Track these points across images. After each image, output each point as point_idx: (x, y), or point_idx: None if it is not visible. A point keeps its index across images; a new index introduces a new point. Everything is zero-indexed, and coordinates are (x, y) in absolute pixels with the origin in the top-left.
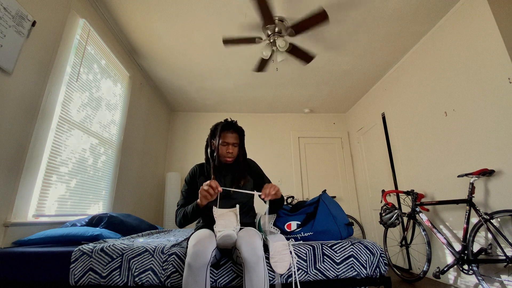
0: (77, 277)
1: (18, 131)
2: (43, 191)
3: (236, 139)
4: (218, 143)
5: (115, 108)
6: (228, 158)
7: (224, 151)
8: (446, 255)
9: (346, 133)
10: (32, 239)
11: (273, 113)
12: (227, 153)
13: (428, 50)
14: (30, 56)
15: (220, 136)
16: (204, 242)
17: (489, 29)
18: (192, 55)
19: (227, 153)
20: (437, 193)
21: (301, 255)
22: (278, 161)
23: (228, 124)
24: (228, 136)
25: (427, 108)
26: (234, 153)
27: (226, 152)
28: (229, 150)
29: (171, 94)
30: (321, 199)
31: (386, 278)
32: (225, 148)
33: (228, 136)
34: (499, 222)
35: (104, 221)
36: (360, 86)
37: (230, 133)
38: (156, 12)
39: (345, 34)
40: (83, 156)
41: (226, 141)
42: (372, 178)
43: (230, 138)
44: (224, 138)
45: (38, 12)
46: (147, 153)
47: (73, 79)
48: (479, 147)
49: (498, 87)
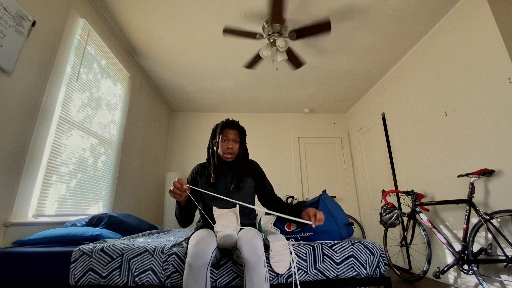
0: (77, 277)
1: (18, 131)
2: (43, 191)
3: (236, 135)
4: (219, 139)
5: (115, 108)
6: (228, 154)
7: (224, 146)
8: (446, 255)
9: (346, 133)
10: (32, 239)
11: (273, 113)
12: (227, 148)
13: (428, 50)
14: (30, 56)
15: (221, 133)
16: (205, 242)
17: (489, 29)
18: (192, 55)
19: (227, 148)
20: (437, 193)
21: (301, 255)
22: (278, 161)
23: (229, 121)
24: (228, 132)
25: (427, 108)
26: (234, 149)
27: (226, 147)
28: (229, 145)
29: (171, 94)
30: (321, 199)
31: (386, 278)
32: (225, 144)
33: (228, 132)
34: (499, 222)
35: (104, 221)
36: (360, 86)
37: (231, 129)
38: (156, 12)
39: (345, 34)
40: (83, 156)
41: (226, 136)
42: (372, 178)
43: (231, 134)
44: (225, 134)
45: (38, 12)
46: (147, 153)
47: (73, 79)
48: (479, 147)
49: (498, 87)
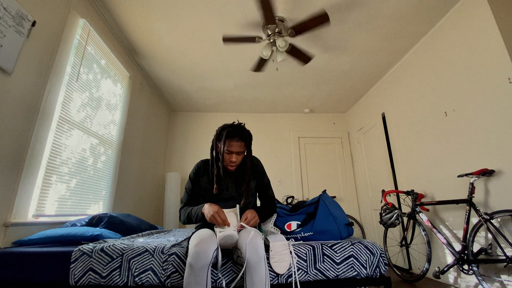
0: (77, 277)
1: (18, 131)
2: (43, 191)
3: (241, 147)
4: (223, 150)
5: (115, 108)
6: (231, 167)
7: (228, 159)
8: (446, 255)
9: (346, 133)
10: (32, 239)
11: (273, 113)
12: (230, 161)
13: (428, 50)
14: (30, 56)
15: (225, 144)
16: (206, 242)
17: (489, 29)
18: (192, 55)
19: (230, 161)
20: (437, 193)
21: (301, 255)
22: (278, 161)
23: (234, 130)
24: (232, 145)
25: (427, 108)
26: (237, 162)
27: (229, 160)
28: (232, 159)
29: (171, 94)
30: (321, 199)
31: (386, 278)
32: (229, 156)
33: (233, 144)
34: (499, 222)
35: (104, 221)
36: (360, 86)
37: (235, 141)
38: (156, 12)
39: (345, 34)
40: (83, 156)
41: (230, 150)
42: (372, 178)
43: (235, 147)
44: (229, 147)
45: (38, 12)
46: (147, 153)
47: (73, 79)
48: (479, 147)
49: (498, 87)
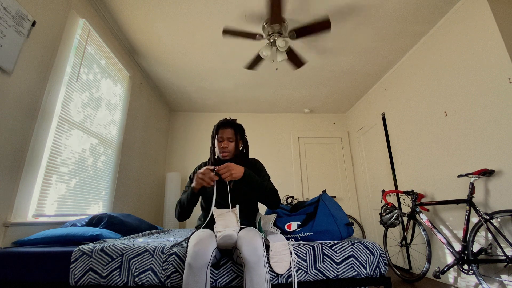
0: (77, 277)
1: (18, 131)
2: (43, 191)
3: (231, 134)
4: (215, 139)
5: (115, 108)
6: (223, 153)
7: (220, 146)
8: (446, 255)
9: (346, 133)
10: (32, 239)
11: (273, 113)
12: (222, 147)
13: (428, 50)
14: (30, 56)
15: (217, 133)
16: (205, 242)
17: (489, 29)
18: (192, 55)
19: (222, 147)
20: (437, 193)
21: (301, 255)
22: (278, 161)
23: (224, 121)
24: (223, 132)
25: (427, 108)
26: (229, 148)
27: (221, 147)
28: (224, 145)
29: (171, 94)
30: (321, 199)
31: (386, 278)
32: (220, 143)
33: (223, 131)
34: (499, 222)
35: (104, 221)
36: (360, 86)
37: (225, 129)
38: (156, 12)
39: (345, 34)
40: (83, 156)
41: (221, 136)
42: (372, 178)
43: (225, 133)
44: (220, 134)
45: (38, 12)
46: (147, 153)
47: (73, 79)
48: (479, 147)
49: (498, 87)
